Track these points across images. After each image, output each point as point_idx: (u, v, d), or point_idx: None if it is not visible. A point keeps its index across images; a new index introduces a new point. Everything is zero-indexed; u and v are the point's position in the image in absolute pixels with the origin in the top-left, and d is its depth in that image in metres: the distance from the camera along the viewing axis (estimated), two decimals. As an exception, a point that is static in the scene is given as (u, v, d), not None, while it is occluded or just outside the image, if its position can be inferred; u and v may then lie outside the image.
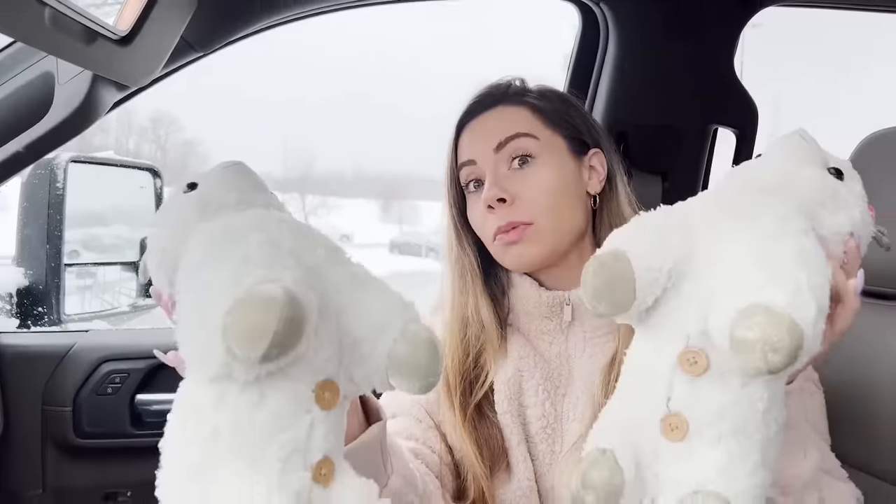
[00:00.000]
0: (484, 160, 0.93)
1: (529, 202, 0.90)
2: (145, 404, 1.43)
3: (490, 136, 0.93)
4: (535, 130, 0.93)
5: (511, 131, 0.93)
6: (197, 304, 0.51)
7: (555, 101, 0.97)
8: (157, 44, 0.99)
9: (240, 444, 0.51)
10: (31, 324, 1.53)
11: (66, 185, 1.55)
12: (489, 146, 0.93)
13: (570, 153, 0.95)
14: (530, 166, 0.92)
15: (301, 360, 0.52)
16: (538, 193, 0.90)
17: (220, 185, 0.64)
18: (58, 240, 1.55)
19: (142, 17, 0.90)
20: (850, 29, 41.45)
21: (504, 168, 0.92)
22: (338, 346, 0.56)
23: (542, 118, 0.95)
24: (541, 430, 0.92)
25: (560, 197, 0.91)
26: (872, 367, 1.01)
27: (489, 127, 0.95)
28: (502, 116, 0.95)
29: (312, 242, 0.58)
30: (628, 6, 1.42)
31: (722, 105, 1.49)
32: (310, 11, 1.31)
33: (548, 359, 0.94)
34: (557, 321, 0.94)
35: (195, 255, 0.55)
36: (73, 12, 0.77)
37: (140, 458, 1.46)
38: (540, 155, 0.92)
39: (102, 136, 18.64)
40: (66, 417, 1.41)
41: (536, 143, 0.92)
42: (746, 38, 1.49)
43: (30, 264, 1.56)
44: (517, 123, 0.93)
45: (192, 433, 0.51)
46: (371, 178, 37.03)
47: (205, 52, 1.26)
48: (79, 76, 1.11)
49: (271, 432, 0.51)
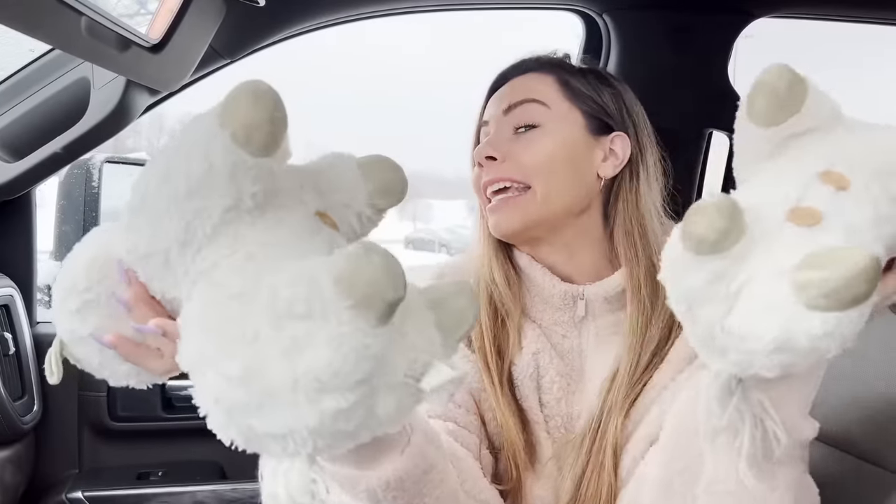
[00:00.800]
0: (493, 121, 0.87)
1: (520, 163, 0.82)
2: (176, 390, 1.44)
3: (504, 99, 0.87)
4: (550, 100, 0.85)
5: (522, 96, 0.86)
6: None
7: (591, 79, 0.88)
8: (187, 51, 0.99)
9: (277, 254, 0.49)
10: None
11: (100, 184, 1.55)
12: (500, 108, 0.87)
13: (585, 129, 0.86)
14: (531, 133, 0.84)
15: (286, 191, 0.53)
16: (532, 155, 0.82)
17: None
18: (94, 235, 1.55)
19: (172, 26, 0.89)
20: (840, 41, 41.14)
21: (508, 132, 0.85)
22: (315, 188, 0.56)
23: (564, 89, 0.86)
24: (555, 428, 0.85)
25: (554, 165, 0.82)
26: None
27: (508, 90, 0.88)
28: (524, 82, 0.88)
29: None
30: (629, 18, 1.41)
31: (717, 110, 1.47)
32: (331, 21, 1.31)
33: (562, 353, 0.86)
34: (570, 314, 0.85)
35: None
36: (107, 21, 0.77)
37: (171, 440, 1.47)
38: (546, 124, 0.84)
39: (135, 137, 18.75)
40: (102, 402, 1.42)
41: (545, 112, 0.84)
42: (739, 48, 1.48)
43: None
44: (532, 90, 0.86)
45: (227, 272, 0.48)
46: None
47: (232, 58, 1.26)
48: (113, 81, 1.11)
49: (299, 244, 0.50)
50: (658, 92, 1.42)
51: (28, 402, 1.32)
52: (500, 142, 0.85)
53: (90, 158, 1.53)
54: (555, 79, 0.87)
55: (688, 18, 1.40)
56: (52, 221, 1.58)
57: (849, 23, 1.46)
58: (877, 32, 1.49)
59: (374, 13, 1.35)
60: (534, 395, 0.85)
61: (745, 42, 1.58)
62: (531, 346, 0.86)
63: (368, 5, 1.32)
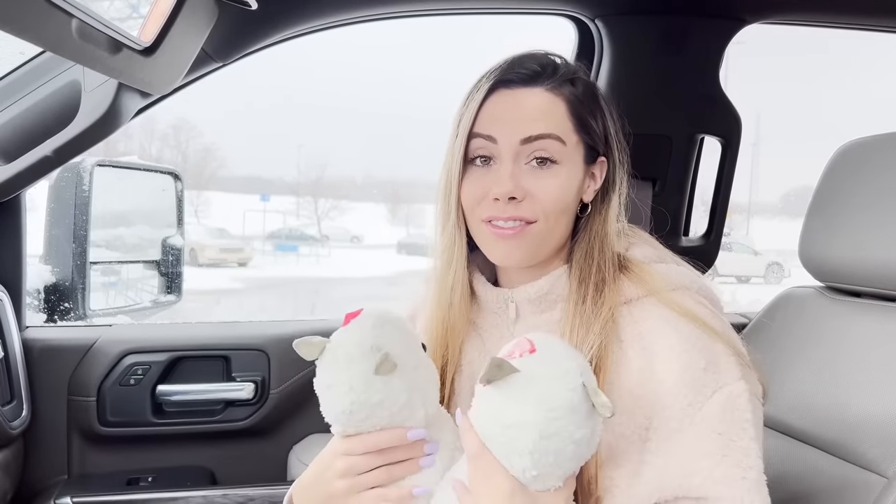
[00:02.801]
0: (506, 145, 0.83)
1: (537, 203, 0.82)
2: (166, 395, 1.43)
3: (521, 125, 0.83)
4: (566, 134, 0.84)
5: (544, 129, 0.82)
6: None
7: (590, 101, 0.87)
8: (179, 54, 0.99)
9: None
10: (57, 318, 1.52)
11: (91, 187, 1.54)
12: (517, 135, 0.82)
13: (583, 161, 0.86)
14: (549, 169, 0.83)
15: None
16: (549, 198, 0.82)
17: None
18: (83, 239, 1.54)
19: (164, 30, 0.89)
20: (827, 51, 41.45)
21: (524, 162, 0.83)
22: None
23: (573, 120, 0.85)
24: None
25: (564, 203, 0.84)
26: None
27: (523, 112, 0.83)
28: (540, 106, 0.84)
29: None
30: (622, 23, 1.41)
31: (709, 116, 1.48)
32: (324, 25, 1.31)
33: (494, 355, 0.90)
34: (504, 317, 0.90)
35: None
36: (98, 24, 0.76)
37: (161, 446, 1.46)
38: (562, 161, 0.83)
39: (127, 141, 18.67)
40: (91, 407, 1.40)
41: (562, 149, 0.83)
42: (730, 53, 1.49)
43: (57, 262, 1.55)
44: (552, 122, 0.83)
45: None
46: (380, 183, 37.00)
47: (224, 62, 1.26)
48: (104, 84, 1.11)
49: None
50: (650, 97, 1.43)
51: (16, 407, 1.31)
52: (521, 179, 0.83)
53: (81, 162, 1.52)
54: (567, 108, 0.85)
55: (680, 24, 1.40)
56: (42, 225, 1.57)
57: (840, 29, 1.47)
58: (868, 39, 1.50)
59: (365, 18, 1.35)
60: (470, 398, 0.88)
61: (737, 48, 1.59)
62: (467, 357, 0.91)
63: (360, 10, 1.32)
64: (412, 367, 0.78)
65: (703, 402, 0.76)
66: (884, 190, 1.02)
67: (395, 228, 26.36)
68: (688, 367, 0.77)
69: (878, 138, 1.08)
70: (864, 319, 1.04)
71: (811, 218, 1.14)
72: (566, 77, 0.86)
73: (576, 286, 0.84)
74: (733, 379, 0.78)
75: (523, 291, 0.87)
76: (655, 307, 0.82)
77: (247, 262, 16.79)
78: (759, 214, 23.46)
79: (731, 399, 0.76)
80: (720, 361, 0.78)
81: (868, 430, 0.92)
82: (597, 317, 0.81)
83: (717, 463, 0.74)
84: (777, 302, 1.21)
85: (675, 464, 0.75)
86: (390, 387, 0.76)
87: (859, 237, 1.04)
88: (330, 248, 20.42)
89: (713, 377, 0.77)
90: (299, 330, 1.51)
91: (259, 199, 24.06)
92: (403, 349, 0.78)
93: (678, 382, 0.77)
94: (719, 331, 0.80)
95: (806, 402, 1.03)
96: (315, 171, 30.09)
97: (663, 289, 0.83)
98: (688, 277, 0.86)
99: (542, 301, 0.87)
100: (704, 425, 0.75)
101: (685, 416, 0.76)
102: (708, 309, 0.83)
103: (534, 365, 0.70)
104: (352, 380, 0.75)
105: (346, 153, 45.69)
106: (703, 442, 0.75)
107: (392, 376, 0.76)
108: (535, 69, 0.85)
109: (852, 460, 0.93)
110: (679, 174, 1.47)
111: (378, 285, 13.62)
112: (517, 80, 0.85)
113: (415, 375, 0.78)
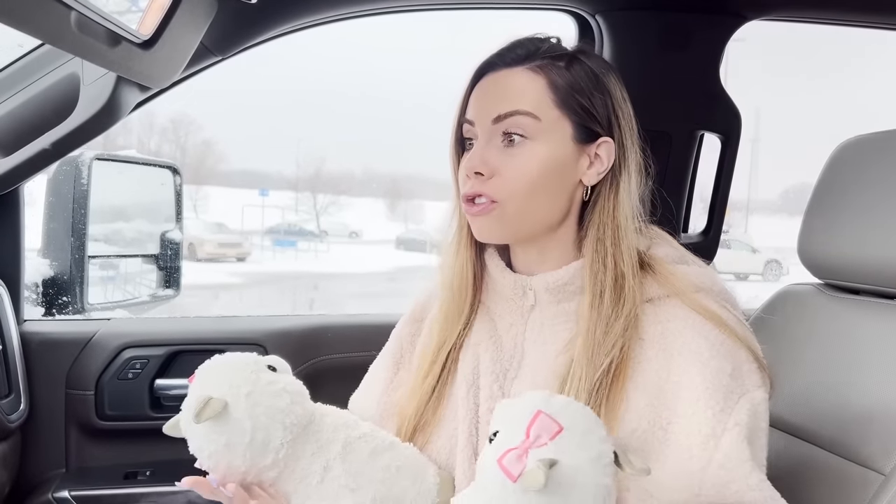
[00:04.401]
0: (482, 126, 0.84)
1: (504, 182, 0.81)
2: (164, 389, 1.42)
3: (493, 105, 0.83)
4: (541, 110, 0.82)
5: (513, 106, 0.82)
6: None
7: (581, 79, 0.84)
8: (178, 48, 0.99)
9: None
10: (55, 312, 1.52)
11: (90, 181, 1.54)
12: (489, 115, 0.83)
13: (573, 139, 0.83)
14: (520, 146, 0.82)
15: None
16: (517, 176, 0.81)
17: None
18: (82, 233, 1.54)
19: (163, 23, 0.89)
20: (827, 48, 41.40)
21: (497, 140, 0.83)
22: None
23: (555, 96, 0.82)
24: (488, 411, 0.86)
25: (538, 184, 0.81)
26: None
27: (497, 91, 0.84)
28: (514, 84, 0.83)
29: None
30: (622, 19, 1.41)
31: (709, 113, 1.48)
32: (324, 19, 1.30)
33: (504, 341, 0.89)
34: (520, 304, 0.88)
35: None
36: (97, 16, 0.76)
37: (159, 440, 1.44)
38: (535, 137, 0.81)
39: (126, 135, 18.64)
40: (89, 401, 1.40)
41: (535, 125, 0.81)
42: (730, 51, 1.49)
43: (55, 256, 1.55)
44: (524, 98, 0.82)
45: None
46: (379, 178, 36.96)
47: (223, 56, 1.26)
48: (103, 78, 1.11)
49: None
50: (650, 93, 1.42)
51: (14, 400, 1.31)
52: (489, 156, 0.83)
53: (79, 155, 1.52)
54: (546, 82, 0.83)
55: (680, 20, 1.40)
56: (40, 219, 1.57)
57: (840, 27, 1.46)
58: (867, 37, 1.49)
59: (364, 12, 1.34)
60: (473, 391, 0.88)
61: (736, 45, 1.59)
62: (475, 337, 0.91)
63: (360, 5, 1.31)
64: (244, 394, 0.76)
65: (732, 406, 0.75)
66: (884, 187, 1.02)
67: (393, 224, 26.35)
68: (718, 372, 0.76)
69: (878, 135, 1.08)
70: (862, 317, 1.04)
71: (811, 215, 1.14)
72: (551, 54, 0.84)
73: (591, 278, 0.82)
74: (755, 386, 0.78)
75: (542, 280, 0.86)
76: (680, 309, 0.80)
77: (245, 258, 16.79)
78: (758, 212, 23.50)
79: (754, 406, 0.76)
80: (743, 368, 0.78)
81: (866, 427, 0.92)
82: (617, 317, 0.79)
83: (751, 470, 0.74)
84: (775, 299, 1.21)
85: (712, 471, 0.74)
86: (228, 425, 0.75)
87: (859, 234, 1.04)
88: (328, 243, 20.40)
89: (739, 383, 0.77)
90: (298, 325, 1.51)
91: (258, 193, 24.04)
92: (230, 385, 0.77)
93: (709, 388, 0.75)
94: (743, 336, 0.80)
95: (803, 399, 1.03)
96: (314, 166, 30.05)
97: (687, 290, 0.81)
98: (710, 279, 0.84)
99: (561, 291, 0.85)
100: (737, 431, 0.74)
101: (718, 423, 0.75)
102: (731, 313, 0.82)
103: (568, 450, 0.63)
104: (195, 440, 0.77)
105: (346, 148, 45.59)
106: (738, 449, 0.74)
107: (226, 414, 0.75)
108: (519, 52, 0.85)
109: (850, 457, 0.93)
110: (679, 171, 1.47)
111: (378, 281, 13.63)
112: (501, 63, 0.85)
113: (250, 401, 0.77)
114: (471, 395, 0.88)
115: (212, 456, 0.77)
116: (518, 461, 0.62)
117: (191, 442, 0.78)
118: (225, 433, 0.76)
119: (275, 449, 0.77)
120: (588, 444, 0.64)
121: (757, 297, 1.30)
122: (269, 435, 0.77)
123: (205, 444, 0.77)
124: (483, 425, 0.87)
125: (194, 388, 0.79)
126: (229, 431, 0.76)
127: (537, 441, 0.63)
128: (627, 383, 0.78)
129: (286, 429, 0.78)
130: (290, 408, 0.79)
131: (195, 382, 0.80)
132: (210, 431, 0.76)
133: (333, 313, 1.64)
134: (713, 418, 0.75)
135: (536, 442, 0.63)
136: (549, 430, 0.63)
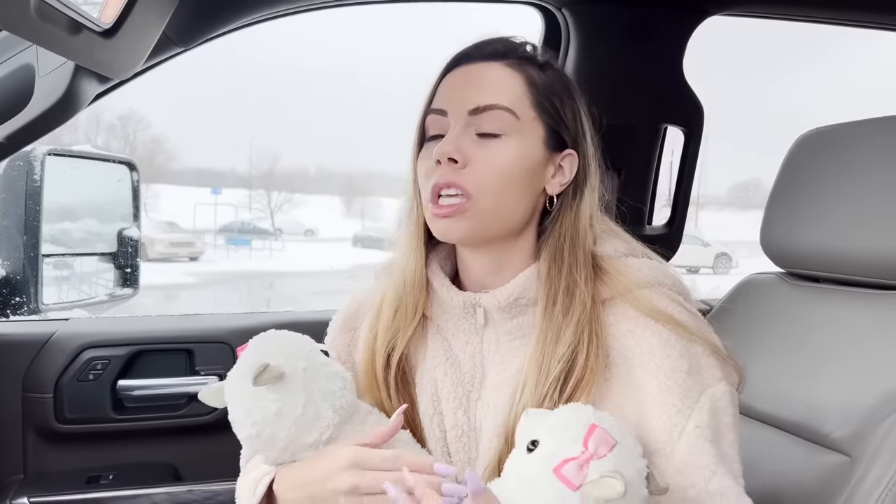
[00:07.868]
0: (455, 116, 0.80)
1: (476, 174, 0.78)
2: (127, 390, 1.39)
3: (472, 95, 0.80)
4: (519, 108, 0.80)
5: (494, 100, 0.79)
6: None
7: (556, 85, 0.84)
8: (140, 37, 0.96)
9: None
10: (9, 313, 1.47)
11: (43, 177, 1.48)
12: (466, 106, 0.80)
13: (543, 143, 0.82)
14: (496, 140, 0.79)
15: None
16: (491, 169, 0.78)
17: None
18: (35, 231, 1.49)
19: (125, 11, 0.86)
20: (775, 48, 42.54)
21: (471, 132, 0.80)
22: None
23: (532, 96, 0.81)
24: (455, 438, 0.84)
25: (511, 182, 0.79)
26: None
27: (476, 84, 0.81)
28: (494, 77, 0.81)
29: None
30: (588, 12, 1.42)
31: (672, 106, 1.50)
32: (288, 10, 1.28)
33: (461, 362, 0.85)
34: (472, 322, 0.84)
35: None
36: (57, 3, 0.73)
37: (122, 442, 1.42)
38: (511, 135, 0.80)
39: (72, 133, 18.09)
40: (47, 404, 1.36)
41: (514, 122, 0.80)
42: (691, 47, 1.51)
43: (7, 255, 1.49)
44: (504, 93, 0.80)
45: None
46: (334, 175, 36.65)
47: (185, 47, 1.22)
48: (60, 68, 1.06)
49: None
50: (615, 87, 1.44)
51: (-33, 405, 1.26)
52: (464, 144, 0.79)
53: (32, 150, 1.46)
54: (524, 80, 0.82)
55: (644, 14, 1.42)
56: (-9, 216, 1.51)
57: (798, 22, 1.50)
58: (818, 33, 1.53)
59: (329, 4, 1.32)
60: (437, 418, 0.86)
61: (695, 42, 1.61)
62: (430, 360, 0.87)
63: (326, -5, 1.29)
64: (301, 368, 0.76)
65: (691, 406, 0.74)
66: (841, 178, 1.05)
67: (350, 221, 26.19)
68: (672, 372, 0.74)
69: (837, 127, 1.11)
70: (823, 304, 1.07)
71: (772, 206, 1.16)
72: (529, 57, 0.84)
73: (545, 287, 0.80)
74: (715, 380, 0.76)
75: (492, 298, 0.82)
76: (629, 308, 0.78)
77: (198, 257, 16.47)
78: (708, 206, 24.03)
79: (714, 403, 0.75)
80: (701, 363, 0.76)
81: (832, 411, 0.95)
82: (568, 324, 0.77)
83: (712, 473, 0.72)
84: (739, 288, 1.23)
85: (670, 477, 0.72)
86: (282, 393, 0.75)
87: (818, 224, 1.07)
88: (283, 241, 20.16)
89: (697, 380, 0.75)
90: (264, 322, 1.48)
91: (210, 192, 23.60)
92: (288, 356, 0.77)
93: (663, 390, 0.74)
94: (695, 330, 0.77)
95: (770, 386, 1.06)
96: (268, 163, 29.64)
97: (636, 287, 0.79)
98: (661, 272, 0.82)
99: (514, 306, 0.82)
100: (696, 434, 0.73)
101: (674, 426, 0.73)
102: (682, 306, 0.79)
103: (623, 464, 0.65)
104: (244, 403, 0.75)
105: (300, 145, 45.11)
106: (697, 454, 0.73)
107: (281, 383, 0.75)
108: (497, 48, 0.83)
109: (818, 441, 0.96)
110: (643, 164, 1.50)
111: (337, 279, 13.51)
112: (478, 55, 0.83)
113: (306, 376, 0.76)
114: (434, 424, 0.86)
115: (257, 423, 0.75)
116: (579, 471, 0.64)
117: (237, 407, 0.76)
118: (278, 401, 0.74)
119: (321, 429, 0.76)
120: (634, 458, 0.67)
121: (719, 288, 1.33)
122: (319, 413, 0.76)
123: (254, 409, 0.75)
124: (456, 452, 0.85)
125: (248, 354, 0.78)
126: (282, 400, 0.74)
127: (597, 453, 0.66)
128: (594, 390, 0.76)
129: (335, 411, 0.77)
130: (342, 392, 0.79)
131: (249, 349, 0.78)
132: (262, 398, 0.74)
133: (300, 310, 1.62)
134: (668, 422, 0.73)
135: (596, 454, 0.66)
136: (606, 444, 0.66)
